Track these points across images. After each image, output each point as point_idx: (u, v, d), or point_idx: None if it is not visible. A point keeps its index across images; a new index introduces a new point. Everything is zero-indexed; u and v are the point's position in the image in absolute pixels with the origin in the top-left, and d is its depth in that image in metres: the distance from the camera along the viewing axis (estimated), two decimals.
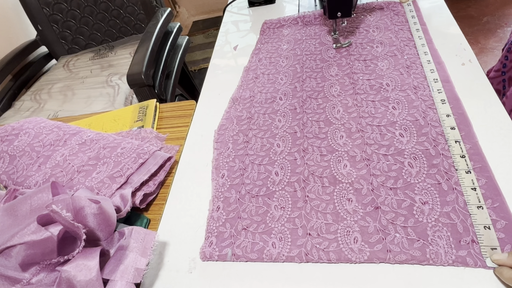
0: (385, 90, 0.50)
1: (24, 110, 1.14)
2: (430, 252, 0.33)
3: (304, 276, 0.34)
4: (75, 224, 0.33)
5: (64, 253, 0.34)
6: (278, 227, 0.38)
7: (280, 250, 0.36)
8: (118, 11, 1.30)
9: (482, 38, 1.71)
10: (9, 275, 0.33)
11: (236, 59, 0.68)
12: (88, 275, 0.32)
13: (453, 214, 0.35)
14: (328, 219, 0.37)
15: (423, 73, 0.50)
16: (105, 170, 0.47)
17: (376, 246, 0.34)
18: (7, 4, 1.35)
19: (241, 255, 0.37)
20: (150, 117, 0.60)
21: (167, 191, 0.47)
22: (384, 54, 0.56)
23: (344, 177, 0.41)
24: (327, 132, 0.47)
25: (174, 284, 0.37)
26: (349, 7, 0.53)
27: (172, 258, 0.39)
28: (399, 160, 0.41)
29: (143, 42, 1.03)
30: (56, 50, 1.38)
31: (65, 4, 1.29)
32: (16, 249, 0.33)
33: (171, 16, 1.20)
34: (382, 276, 0.33)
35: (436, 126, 0.43)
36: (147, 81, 0.94)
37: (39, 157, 0.51)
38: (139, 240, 0.36)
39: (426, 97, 0.47)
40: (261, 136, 0.49)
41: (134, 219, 0.44)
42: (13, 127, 0.56)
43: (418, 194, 0.37)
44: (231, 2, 0.87)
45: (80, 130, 0.54)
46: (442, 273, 0.32)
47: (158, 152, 0.49)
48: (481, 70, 0.49)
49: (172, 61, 1.22)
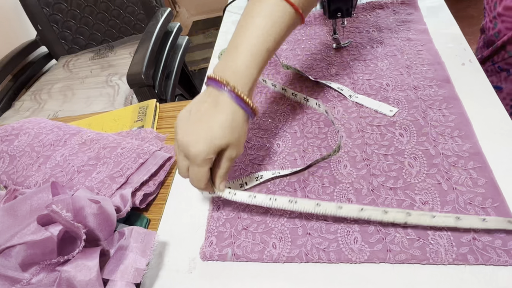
0: (385, 90, 0.50)
1: (24, 110, 1.14)
2: (430, 251, 0.33)
3: (304, 276, 0.34)
4: (75, 224, 0.33)
5: (64, 253, 0.34)
6: (278, 227, 0.38)
7: (281, 250, 0.36)
8: (118, 11, 1.30)
9: None
10: (9, 275, 0.33)
11: None
12: (88, 275, 0.32)
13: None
14: (328, 219, 0.37)
15: (423, 73, 0.50)
16: (105, 170, 0.47)
17: (376, 246, 0.34)
18: (7, 4, 1.35)
19: (241, 255, 0.37)
20: (150, 117, 0.60)
21: (167, 191, 0.47)
22: (384, 54, 0.56)
23: (344, 177, 0.41)
24: (327, 132, 0.47)
25: (174, 284, 0.37)
26: (349, 7, 0.53)
27: (172, 258, 0.39)
28: (399, 160, 0.41)
29: (143, 42, 1.03)
30: (56, 50, 1.39)
31: (65, 4, 1.29)
32: (16, 249, 0.33)
33: (171, 16, 1.20)
34: (382, 276, 0.33)
35: (436, 126, 0.43)
36: (147, 81, 0.94)
37: (39, 157, 0.51)
38: (139, 240, 0.36)
39: (426, 97, 0.47)
40: (261, 136, 0.49)
41: (134, 219, 0.44)
42: (13, 127, 0.56)
43: (418, 194, 0.37)
44: (231, 2, 0.87)
45: (80, 130, 0.54)
46: (442, 272, 0.32)
47: (158, 152, 0.49)
48: (481, 70, 0.49)
49: (172, 61, 1.22)
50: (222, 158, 0.34)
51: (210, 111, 0.33)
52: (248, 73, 0.34)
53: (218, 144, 0.33)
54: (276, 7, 0.34)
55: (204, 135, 0.32)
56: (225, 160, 0.35)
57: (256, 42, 0.34)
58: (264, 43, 0.34)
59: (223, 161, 0.35)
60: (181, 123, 0.35)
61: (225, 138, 0.33)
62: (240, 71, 0.33)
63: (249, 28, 0.34)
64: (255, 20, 0.34)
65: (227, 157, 0.34)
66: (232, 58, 0.34)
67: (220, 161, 0.35)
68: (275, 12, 0.34)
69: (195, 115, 0.34)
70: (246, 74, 0.33)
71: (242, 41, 0.34)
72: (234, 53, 0.34)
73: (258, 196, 0.36)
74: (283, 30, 0.34)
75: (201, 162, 0.33)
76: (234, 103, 0.33)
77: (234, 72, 0.33)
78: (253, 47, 0.34)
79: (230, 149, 0.34)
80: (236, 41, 0.35)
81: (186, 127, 0.34)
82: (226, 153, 0.34)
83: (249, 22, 0.34)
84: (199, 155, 0.32)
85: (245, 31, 0.34)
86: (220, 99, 0.33)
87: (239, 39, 0.35)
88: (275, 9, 0.34)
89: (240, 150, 0.35)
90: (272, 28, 0.34)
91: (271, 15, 0.34)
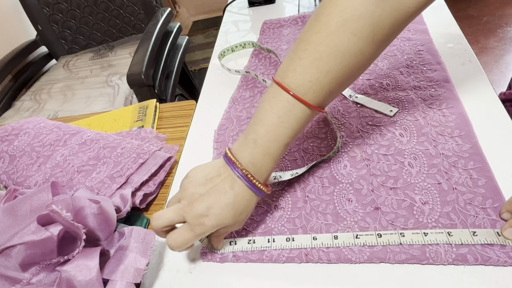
0: (385, 90, 0.50)
1: (24, 110, 1.14)
2: (429, 251, 0.33)
3: (304, 276, 0.34)
4: (75, 224, 0.33)
5: (64, 253, 0.34)
6: (278, 227, 0.38)
7: (281, 251, 0.36)
8: (118, 11, 1.30)
9: (482, 38, 1.71)
10: (9, 275, 0.33)
11: (236, 59, 0.68)
12: (88, 275, 0.32)
13: (453, 215, 0.35)
14: (328, 220, 0.37)
15: (423, 73, 0.50)
16: (105, 170, 0.47)
17: (376, 246, 0.34)
18: (7, 4, 1.35)
19: (242, 256, 0.37)
20: (150, 117, 0.60)
21: (167, 191, 0.47)
22: (384, 54, 0.56)
23: (344, 177, 0.41)
24: (327, 132, 0.47)
25: (174, 284, 0.37)
26: None
27: (172, 258, 0.39)
28: (399, 160, 0.41)
29: (143, 42, 1.03)
30: (56, 50, 1.39)
31: (65, 4, 1.29)
32: (16, 249, 0.33)
33: (171, 16, 1.20)
34: (382, 276, 0.33)
35: (436, 126, 0.43)
36: (147, 81, 0.94)
37: (39, 157, 0.51)
38: (139, 240, 0.36)
39: (426, 97, 0.47)
40: None
41: (134, 219, 0.44)
42: (13, 127, 0.56)
43: (418, 194, 0.37)
44: (231, 2, 0.87)
45: (80, 130, 0.54)
46: (442, 272, 0.32)
47: (158, 152, 0.49)
48: (481, 70, 0.49)
49: (172, 61, 1.22)
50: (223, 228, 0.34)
51: (227, 191, 0.33)
52: (267, 166, 0.34)
53: (226, 223, 0.33)
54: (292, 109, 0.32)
55: (216, 212, 0.32)
56: (225, 230, 0.35)
57: (274, 139, 0.33)
58: (282, 141, 0.33)
59: (224, 230, 0.35)
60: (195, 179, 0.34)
61: (235, 221, 0.34)
62: (258, 163, 0.33)
63: (266, 124, 0.33)
64: (273, 117, 0.33)
65: (228, 229, 0.35)
66: (250, 150, 0.33)
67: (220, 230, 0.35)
68: (297, 116, 0.33)
69: (210, 183, 0.33)
70: (264, 167, 0.33)
71: (261, 136, 0.33)
72: (253, 145, 0.33)
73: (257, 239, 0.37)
74: (302, 125, 0.34)
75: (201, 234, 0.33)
76: (251, 191, 0.33)
77: (253, 163, 0.33)
78: (270, 144, 0.33)
79: (234, 226, 0.35)
80: (254, 133, 0.33)
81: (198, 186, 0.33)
82: (228, 228, 0.35)
83: (268, 117, 0.33)
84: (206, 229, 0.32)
85: (262, 126, 0.33)
86: (238, 184, 0.33)
87: (257, 132, 0.33)
88: (292, 111, 0.32)
89: (242, 224, 0.36)
90: (290, 125, 0.33)
91: (289, 115, 0.32)
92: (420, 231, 0.34)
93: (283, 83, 0.32)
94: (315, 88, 0.32)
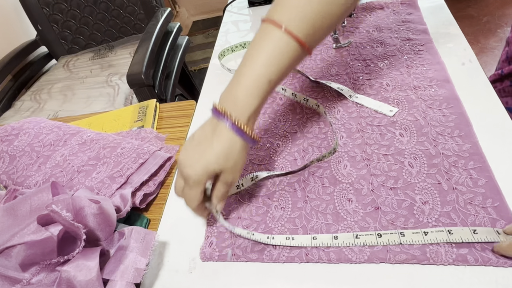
0: (385, 90, 0.50)
1: (24, 110, 1.14)
2: (430, 251, 0.33)
3: (304, 276, 0.34)
4: (75, 224, 0.33)
5: (64, 253, 0.34)
6: (278, 227, 0.38)
7: (281, 250, 0.36)
8: (118, 11, 1.30)
9: (482, 38, 1.71)
10: (9, 275, 0.33)
11: (236, 59, 0.68)
12: (88, 275, 0.32)
13: (453, 214, 0.35)
14: (328, 220, 0.37)
15: (423, 73, 0.50)
16: (105, 170, 0.47)
17: (376, 246, 0.34)
18: (7, 4, 1.35)
19: (241, 255, 0.37)
20: (150, 117, 0.60)
21: (167, 191, 0.47)
22: (384, 54, 0.56)
23: (344, 177, 0.41)
24: (327, 132, 0.47)
25: (174, 284, 0.37)
26: None
27: (172, 258, 0.39)
28: (399, 160, 0.41)
29: (143, 42, 1.03)
30: (56, 50, 1.39)
31: (65, 4, 1.29)
32: (16, 249, 0.33)
33: (171, 16, 1.20)
34: (382, 276, 0.33)
35: (436, 126, 0.43)
36: (147, 81, 0.94)
37: (39, 157, 0.51)
38: (139, 240, 0.36)
39: (426, 97, 0.47)
40: (260, 136, 0.49)
41: (134, 219, 0.44)
42: (13, 127, 0.56)
43: (418, 194, 0.37)
44: (231, 2, 0.87)
45: (80, 130, 0.54)
46: (443, 272, 0.32)
47: (158, 152, 0.49)
48: (481, 70, 0.49)
49: (172, 61, 1.22)
50: (218, 181, 0.36)
51: (209, 138, 0.35)
52: (248, 103, 0.34)
53: (211, 169, 0.34)
54: (280, 41, 0.34)
55: (199, 159, 0.34)
56: (220, 184, 0.36)
57: (257, 73, 0.34)
58: (266, 74, 0.34)
59: (219, 184, 0.36)
60: (185, 145, 0.37)
61: (219, 164, 0.34)
62: (240, 101, 0.34)
63: (252, 60, 0.35)
64: (259, 52, 0.35)
65: (222, 181, 0.36)
66: (234, 88, 0.35)
67: (216, 184, 0.37)
68: (279, 46, 0.34)
69: (196, 139, 0.36)
70: (245, 104, 0.34)
71: (245, 72, 0.35)
72: (236, 84, 0.35)
73: (256, 234, 0.37)
74: (287, 63, 0.35)
75: (193, 183, 0.35)
76: (232, 132, 0.34)
77: (234, 102, 0.34)
78: (254, 78, 0.34)
79: (225, 174, 0.35)
80: (239, 72, 0.36)
81: (187, 149, 0.36)
82: (221, 178, 0.36)
83: (253, 54, 0.35)
84: (192, 177, 0.34)
85: (247, 63, 0.35)
86: (219, 127, 0.34)
87: (242, 70, 0.35)
88: (279, 43, 0.34)
89: (236, 176, 0.37)
90: (275, 60, 0.34)
91: (275, 48, 0.34)
92: (420, 231, 0.34)
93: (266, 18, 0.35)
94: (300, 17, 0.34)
